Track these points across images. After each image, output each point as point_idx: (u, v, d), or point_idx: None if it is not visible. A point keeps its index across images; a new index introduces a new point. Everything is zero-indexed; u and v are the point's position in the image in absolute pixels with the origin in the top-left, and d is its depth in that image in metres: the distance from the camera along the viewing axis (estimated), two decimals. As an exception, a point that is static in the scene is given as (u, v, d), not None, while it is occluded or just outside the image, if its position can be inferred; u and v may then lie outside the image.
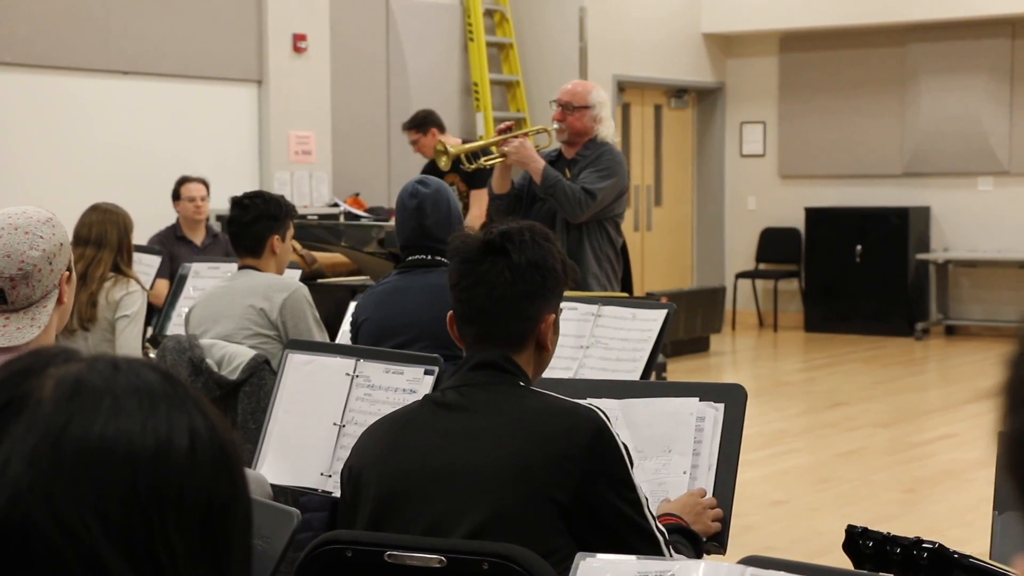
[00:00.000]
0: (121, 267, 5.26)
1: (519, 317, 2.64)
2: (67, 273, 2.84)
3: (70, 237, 3.07)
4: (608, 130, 6.19)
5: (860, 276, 13.12)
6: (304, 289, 4.84)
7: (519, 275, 2.62)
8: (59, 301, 2.82)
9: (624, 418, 3.18)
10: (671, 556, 2.56)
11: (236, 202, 4.88)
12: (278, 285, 4.79)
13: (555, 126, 6.19)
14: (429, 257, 4.30)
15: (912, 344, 12.53)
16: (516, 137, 6.10)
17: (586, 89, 6.23)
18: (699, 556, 2.75)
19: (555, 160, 6.24)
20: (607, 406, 3.11)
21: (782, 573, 1.68)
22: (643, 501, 2.55)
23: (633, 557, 1.90)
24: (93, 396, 0.98)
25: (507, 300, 2.62)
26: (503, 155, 6.06)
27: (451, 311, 2.71)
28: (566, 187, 5.97)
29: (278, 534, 2.07)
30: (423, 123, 8.83)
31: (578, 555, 1.87)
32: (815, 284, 13.52)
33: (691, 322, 11.94)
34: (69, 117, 9.20)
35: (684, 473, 3.08)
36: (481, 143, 6.79)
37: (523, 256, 2.63)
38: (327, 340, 4.74)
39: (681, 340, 11.72)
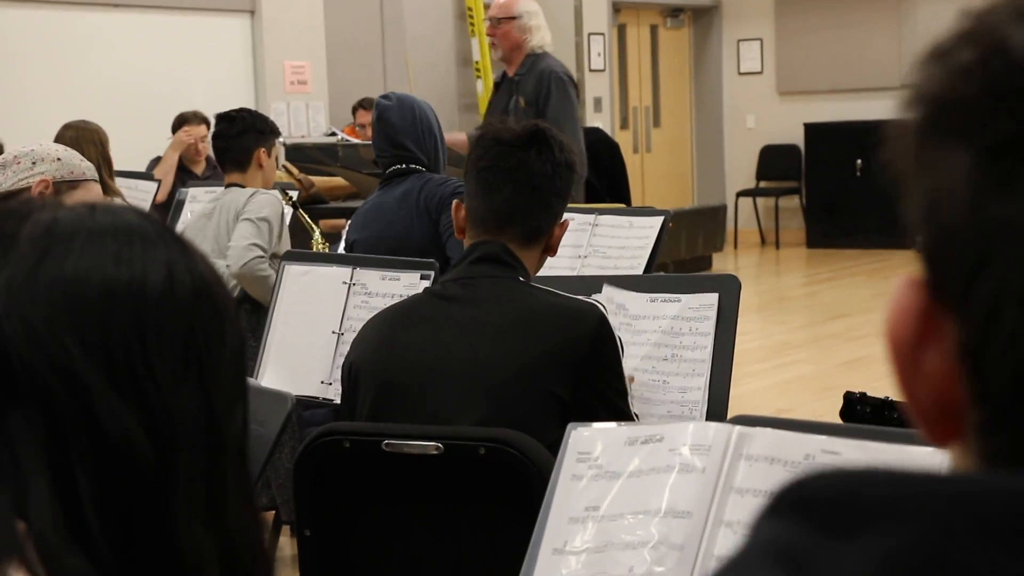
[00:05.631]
0: (105, 182, 5.23)
1: (547, 213, 2.63)
2: (47, 181, 2.86)
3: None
4: (540, 39, 6.28)
5: (861, 190, 13.09)
6: (276, 201, 4.68)
7: (558, 172, 2.63)
8: None
9: (624, 312, 3.19)
10: None
11: (223, 116, 4.84)
12: (258, 201, 4.65)
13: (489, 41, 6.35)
14: (403, 166, 4.29)
15: (915, 256, 12.51)
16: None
17: (511, 1, 6.33)
18: None
19: (500, 82, 6.37)
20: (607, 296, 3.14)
21: (770, 430, 1.70)
22: (627, 389, 2.58)
23: (625, 424, 1.92)
24: (67, 233, 0.99)
25: (542, 192, 2.62)
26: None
27: (458, 200, 2.69)
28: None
29: (273, 418, 2.09)
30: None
31: (569, 426, 1.89)
32: (816, 200, 13.50)
33: (693, 241, 11.94)
34: (65, 50, 9.16)
35: (683, 365, 3.10)
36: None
37: (563, 155, 2.64)
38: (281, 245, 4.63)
39: (683, 259, 11.72)
